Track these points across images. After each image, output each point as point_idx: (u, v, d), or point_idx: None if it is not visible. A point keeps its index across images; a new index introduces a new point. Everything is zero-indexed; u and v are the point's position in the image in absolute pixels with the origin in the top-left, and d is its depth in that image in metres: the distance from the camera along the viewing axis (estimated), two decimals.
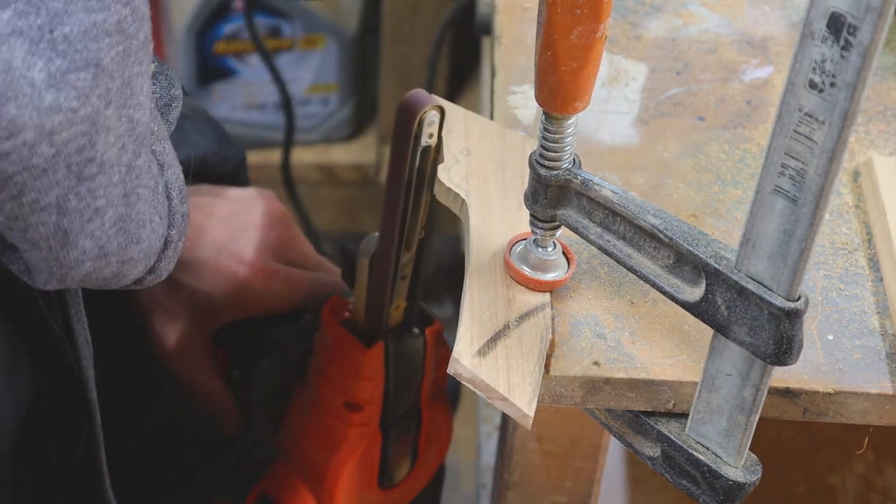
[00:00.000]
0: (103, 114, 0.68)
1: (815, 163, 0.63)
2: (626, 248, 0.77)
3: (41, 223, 0.69)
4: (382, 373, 0.97)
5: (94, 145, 0.68)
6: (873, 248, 0.88)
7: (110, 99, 0.68)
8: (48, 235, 0.69)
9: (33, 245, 0.70)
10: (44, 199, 0.68)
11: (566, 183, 0.78)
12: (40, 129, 0.65)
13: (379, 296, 0.94)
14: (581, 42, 0.70)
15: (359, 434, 0.99)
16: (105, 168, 0.70)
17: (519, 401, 0.75)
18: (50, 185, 0.67)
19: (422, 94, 0.84)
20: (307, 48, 1.95)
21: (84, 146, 0.67)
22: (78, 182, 0.68)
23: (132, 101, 0.70)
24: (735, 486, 0.77)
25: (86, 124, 0.67)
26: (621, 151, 0.94)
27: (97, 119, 0.67)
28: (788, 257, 0.67)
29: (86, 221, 0.70)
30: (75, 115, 0.66)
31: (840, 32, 0.59)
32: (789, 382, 0.79)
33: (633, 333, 0.81)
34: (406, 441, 1.02)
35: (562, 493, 0.97)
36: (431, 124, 0.84)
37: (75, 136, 0.67)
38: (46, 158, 0.66)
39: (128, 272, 0.76)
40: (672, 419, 0.80)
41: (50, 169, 0.67)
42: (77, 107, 0.66)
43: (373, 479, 1.01)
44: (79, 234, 0.70)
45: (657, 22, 1.06)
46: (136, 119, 0.71)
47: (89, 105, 0.67)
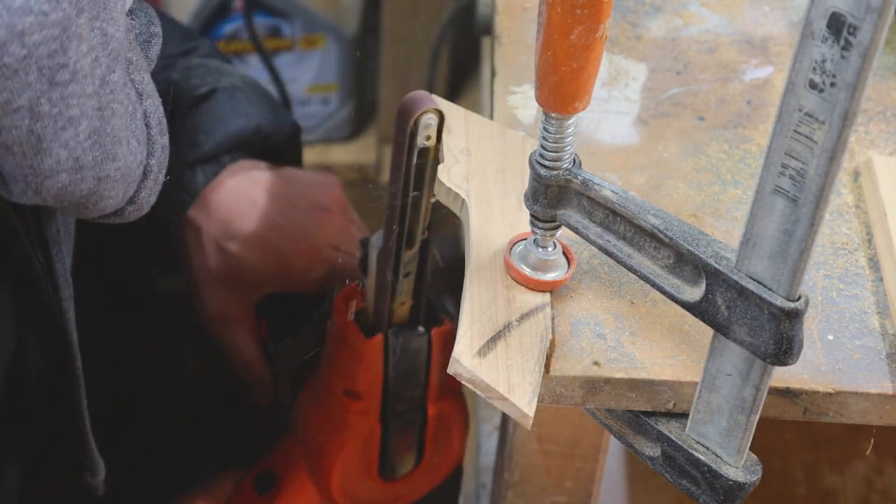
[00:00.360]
0: (75, 21, 0.69)
1: (815, 163, 0.63)
2: (626, 248, 0.77)
3: (14, 126, 0.69)
4: (381, 365, 0.98)
5: (65, 51, 0.69)
6: (873, 248, 0.88)
7: (82, 7, 0.69)
8: (21, 140, 0.70)
9: (7, 150, 0.71)
10: (16, 101, 0.68)
11: (566, 183, 0.78)
12: (10, 28, 0.66)
13: (382, 291, 0.95)
14: (581, 42, 0.70)
15: (358, 422, 1.00)
16: (78, 77, 0.70)
17: (519, 401, 0.75)
18: (21, 86, 0.68)
19: (421, 96, 0.85)
20: (307, 48, 1.95)
21: (55, 51, 0.68)
22: (50, 87, 0.69)
23: (105, 14, 0.71)
24: (735, 486, 0.77)
25: (56, 28, 0.68)
26: (621, 151, 0.94)
27: (68, 25, 0.68)
28: (788, 257, 0.67)
29: (59, 129, 0.71)
30: (46, 19, 0.67)
31: (840, 32, 0.59)
32: (789, 382, 0.79)
33: (633, 333, 0.81)
34: (409, 436, 1.03)
35: (562, 493, 0.97)
36: (428, 126, 0.86)
37: (46, 40, 0.68)
38: (17, 59, 0.67)
39: (105, 192, 0.77)
40: (672, 419, 0.80)
41: (21, 70, 0.68)
42: (48, 10, 0.67)
43: (372, 468, 1.02)
44: (52, 142, 0.71)
45: (657, 22, 1.06)
46: (109, 33, 0.72)
47: (60, 10, 0.68)
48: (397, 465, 1.04)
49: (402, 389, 1.00)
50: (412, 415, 1.02)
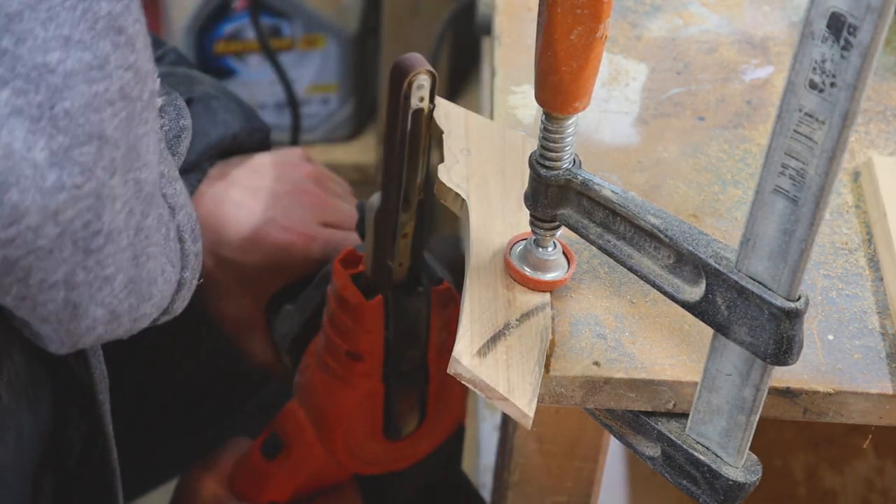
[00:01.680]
0: (108, 184, 0.66)
1: (815, 163, 0.63)
2: (626, 248, 0.77)
3: (50, 300, 0.67)
4: (382, 326, 0.98)
5: (100, 217, 0.66)
6: (873, 248, 0.88)
7: (115, 168, 0.66)
8: (57, 311, 0.68)
9: (43, 320, 0.69)
10: (51, 278, 0.66)
11: (566, 183, 0.78)
12: (44, 210, 0.63)
13: (381, 252, 0.96)
14: (581, 42, 0.70)
15: (361, 383, 1.01)
16: (112, 237, 0.68)
17: (519, 401, 0.75)
18: (56, 263, 0.65)
19: (414, 57, 0.86)
20: (307, 48, 1.95)
21: (90, 220, 0.65)
22: (85, 256, 0.67)
23: (138, 163, 0.68)
24: (735, 486, 0.77)
25: (91, 199, 0.65)
26: (621, 151, 0.94)
27: (102, 191, 0.65)
28: (788, 257, 0.67)
29: (95, 291, 0.69)
30: (79, 192, 0.64)
31: (840, 32, 0.59)
32: (789, 382, 0.79)
33: (633, 333, 0.81)
34: (412, 396, 1.04)
35: (562, 493, 0.97)
36: (421, 87, 0.86)
37: (80, 213, 0.65)
38: (51, 239, 0.64)
39: (140, 325, 0.75)
40: (672, 419, 0.80)
41: (56, 248, 0.65)
42: (81, 182, 0.64)
43: (377, 428, 1.03)
44: (89, 305, 0.69)
45: (657, 22, 1.06)
46: (142, 180, 0.69)
47: (94, 179, 0.64)
48: (402, 425, 1.05)
49: (404, 349, 1.00)
50: (415, 374, 1.03)
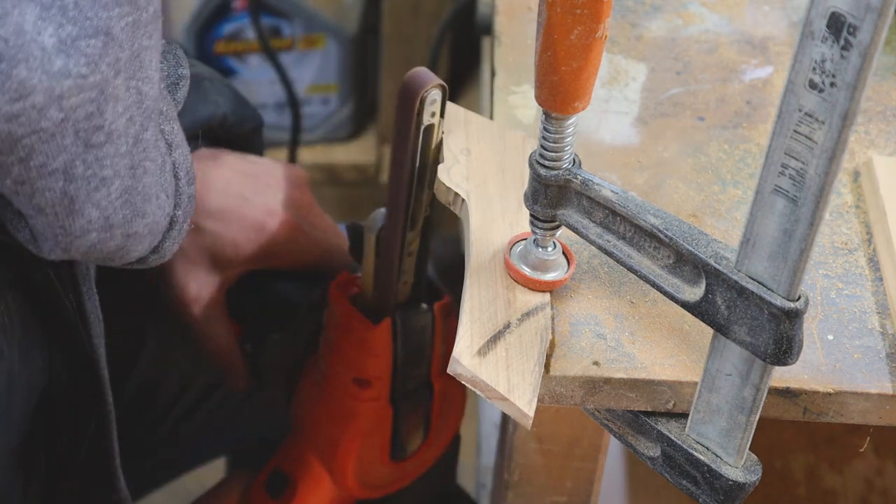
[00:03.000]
0: (112, 83, 0.68)
1: (815, 163, 0.63)
2: (626, 248, 0.77)
3: (48, 188, 0.69)
4: (390, 349, 0.98)
5: (102, 113, 0.69)
6: (873, 248, 0.88)
7: (119, 69, 0.69)
8: (54, 201, 0.70)
9: (39, 211, 0.70)
10: (51, 164, 0.68)
11: (566, 183, 0.78)
12: (49, 92, 0.66)
13: (386, 272, 0.95)
14: (581, 42, 0.70)
15: (369, 409, 1.00)
16: (113, 137, 0.70)
17: (519, 401, 0.75)
18: (58, 149, 0.68)
19: (424, 73, 0.85)
20: (307, 48, 1.95)
21: (93, 113, 0.68)
22: (86, 149, 0.69)
23: (141, 73, 0.71)
24: (735, 486, 0.77)
25: (95, 91, 0.67)
26: (621, 151, 0.94)
27: (106, 87, 0.68)
28: (788, 257, 0.67)
29: (92, 190, 0.71)
30: (84, 82, 0.67)
31: (840, 32, 0.59)
32: (789, 382, 0.79)
33: (633, 333, 0.81)
34: (418, 414, 1.03)
35: (562, 493, 0.97)
36: (433, 103, 0.86)
37: (84, 103, 0.67)
38: (55, 122, 0.67)
39: (132, 247, 0.76)
40: (672, 419, 0.80)
41: (58, 133, 0.67)
42: (86, 73, 0.67)
43: (385, 452, 1.03)
44: (85, 203, 0.71)
45: (657, 22, 1.06)
46: (144, 92, 0.72)
47: (98, 72, 0.67)
48: (407, 444, 1.04)
49: (411, 368, 1.00)
50: (420, 392, 1.02)
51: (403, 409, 1.02)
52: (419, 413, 1.03)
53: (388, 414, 1.01)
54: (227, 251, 1.03)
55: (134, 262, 0.80)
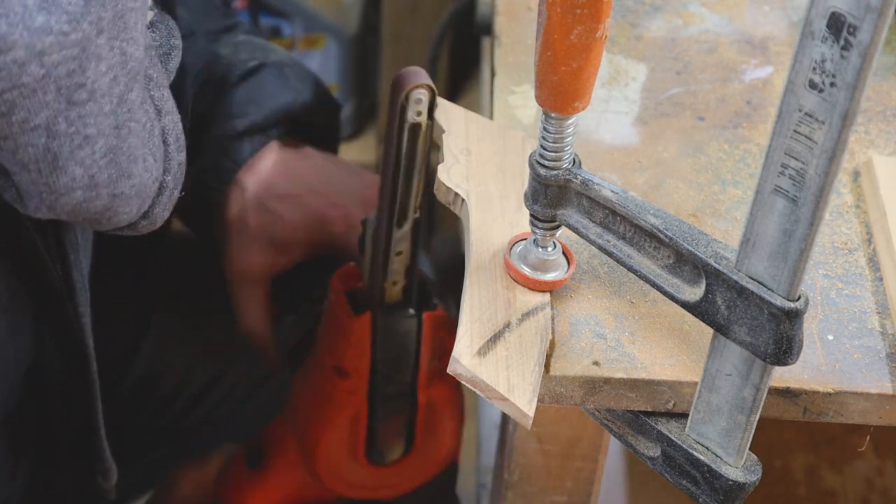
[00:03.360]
0: (94, 41, 0.69)
1: (815, 163, 0.63)
2: (626, 248, 0.77)
3: (30, 144, 0.70)
4: (369, 344, 0.98)
5: (84, 71, 0.69)
6: (873, 248, 0.88)
7: (102, 28, 0.69)
8: (37, 157, 0.70)
9: (23, 167, 0.71)
10: (33, 120, 0.69)
11: (566, 183, 0.78)
12: (30, 48, 0.66)
13: (375, 269, 0.95)
14: (581, 42, 0.70)
15: (345, 401, 1.00)
16: (96, 96, 0.71)
17: (519, 401, 0.75)
18: (39, 105, 0.68)
19: (413, 72, 0.86)
20: (307, 48, 1.95)
21: (74, 70, 0.68)
22: (68, 106, 0.69)
23: (125, 34, 0.71)
24: (735, 486, 0.77)
25: (76, 49, 0.68)
26: (621, 151, 0.94)
27: (88, 45, 0.69)
28: (788, 257, 0.67)
29: (76, 147, 0.71)
30: (66, 39, 0.67)
31: (840, 32, 0.59)
32: (789, 382, 0.79)
33: (633, 333, 0.81)
34: (398, 421, 1.03)
35: (562, 493, 0.97)
36: (419, 102, 0.86)
37: (65, 60, 0.68)
38: (36, 78, 0.67)
39: (119, 208, 0.77)
40: (672, 419, 0.80)
41: (39, 89, 0.68)
42: (68, 30, 0.67)
43: (359, 449, 1.03)
44: (68, 160, 0.71)
45: (657, 22, 1.06)
46: (128, 53, 0.72)
47: (80, 30, 0.68)
48: (385, 450, 1.04)
49: (391, 371, 1.00)
50: (401, 399, 1.02)
51: (381, 410, 1.02)
52: (399, 420, 1.03)
53: (363, 411, 1.01)
54: (284, 233, 1.05)
55: (124, 226, 0.81)
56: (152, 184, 0.79)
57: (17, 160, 0.71)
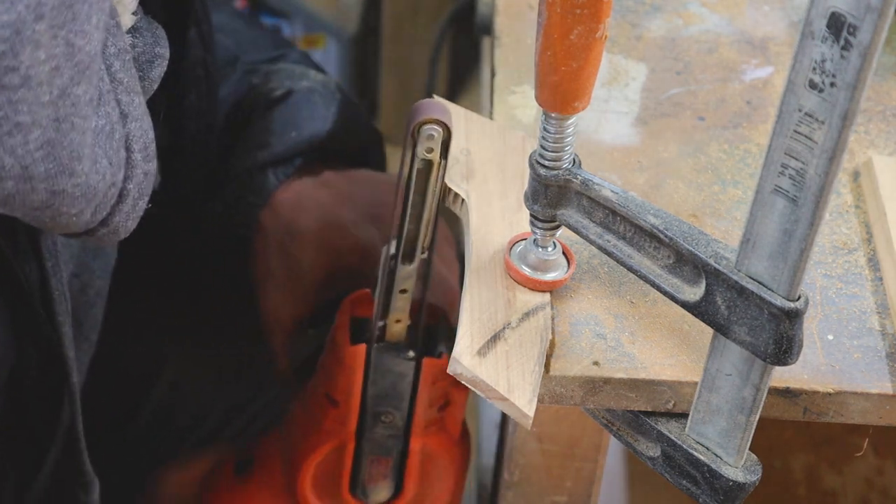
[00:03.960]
0: (31, 26, 0.66)
1: (815, 163, 0.63)
2: (626, 248, 0.77)
3: None
4: (360, 376, 0.95)
5: (16, 55, 0.66)
6: (873, 247, 0.88)
7: (42, 13, 0.67)
8: None
9: None
10: None
11: (566, 183, 0.78)
12: None
13: (377, 301, 0.94)
14: (581, 42, 0.70)
15: (332, 429, 0.98)
16: (31, 83, 0.68)
17: (518, 401, 0.75)
18: None
19: (430, 104, 0.82)
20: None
21: (5, 52, 0.66)
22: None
23: (73, 25, 0.69)
24: (735, 486, 0.77)
25: (7, 30, 0.66)
26: (621, 151, 0.94)
27: (22, 28, 0.66)
28: (788, 257, 0.67)
29: (5, 134, 0.68)
30: None
31: (840, 32, 0.59)
32: (789, 382, 0.79)
33: (633, 333, 0.81)
34: (385, 463, 1.00)
35: (562, 493, 0.97)
36: (430, 139, 0.82)
37: None
38: None
39: (63, 208, 0.74)
40: (672, 419, 0.80)
41: None
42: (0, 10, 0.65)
43: (343, 482, 1.00)
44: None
45: (657, 22, 1.06)
46: (77, 46, 0.69)
47: (13, 11, 0.65)
48: (370, 490, 1.01)
49: (381, 410, 0.97)
50: (390, 442, 0.99)
51: (367, 449, 0.99)
52: (386, 463, 1.00)
53: (349, 443, 0.98)
54: (305, 276, 1.03)
55: (81, 233, 0.78)
56: (107, 189, 0.76)
57: None
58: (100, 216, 0.77)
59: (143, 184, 0.79)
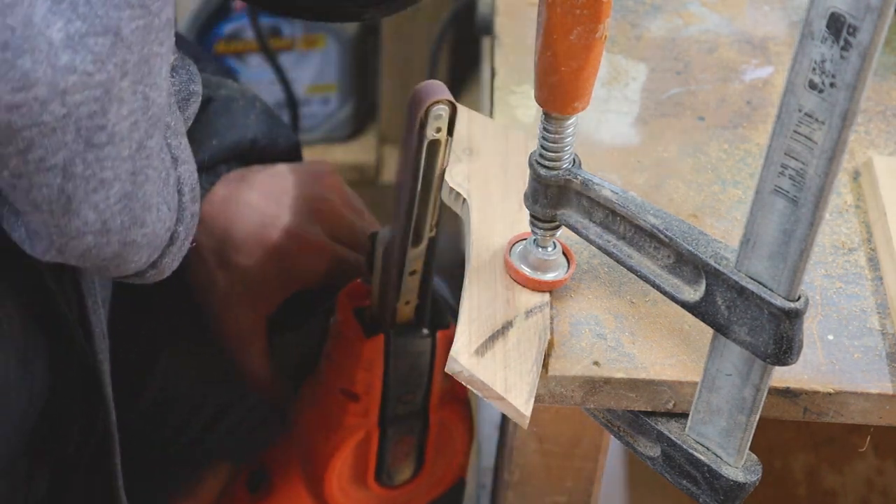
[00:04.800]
0: (118, 84, 0.68)
1: (815, 163, 0.63)
2: (626, 248, 0.77)
3: (45, 184, 0.69)
4: (381, 366, 0.96)
5: (105, 113, 0.68)
6: (873, 247, 0.88)
7: (126, 70, 0.68)
8: (51, 199, 0.69)
9: (35, 207, 0.70)
10: (50, 160, 0.68)
11: (566, 183, 0.78)
12: (53, 86, 0.65)
13: (387, 288, 0.94)
14: (581, 42, 0.70)
15: (354, 423, 0.98)
16: (115, 140, 0.70)
17: (515, 400, 0.75)
18: (58, 145, 0.67)
19: (434, 86, 0.83)
20: (307, 48, 1.95)
21: (96, 112, 0.68)
22: (86, 148, 0.68)
23: (149, 79, 0.70)
24: (735, 486, 0.77)
25: (99, 90, 0.67)
26: (621, 151, 0.94)
27: (111, 88, 0.68)
28: (788, 257, 0.67)
29: (90, 191, 0.70)
30: (90, 79, 0.66)
31: (840, 33, 0.59)
32: (789, 382, 0.79)
33: (633, 333, 0.81)
34: (408, 442, 1.01)
35: (562, 493, 0.97)
36: (439, 118, 0.84)
37: (87, 101, 0.67)
38: (57, 117, 0.66)
39: (129, 256, 0.76)
40: (672, 419, 0.80)
41: (59, 129, 0.67)
42: (92, 71, 0.66)
43: (368, 473, 1.00)
44: (82, 203, 0.70)
45: (657, 22, 1.06)
46: (151, 98, 0.71)
47: (105, 72, 0.67)
48: (395, 472, 1.02)
49: (403, 392, 0.98)
50: (412, 420, 1.00)
51: (392, 433, 0.99)
52: (410, 442, 1.01)
53: (374, 434, 0.99)
54: (254, 284, 1.02)
55: (131, 275, 0.79)
56: (164, 233, 0.77)
57: (30, 200, 0.69)
58: (152, 259, 0.78)
59: (190, 225, 0.80)
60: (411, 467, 1.03)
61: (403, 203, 0.88)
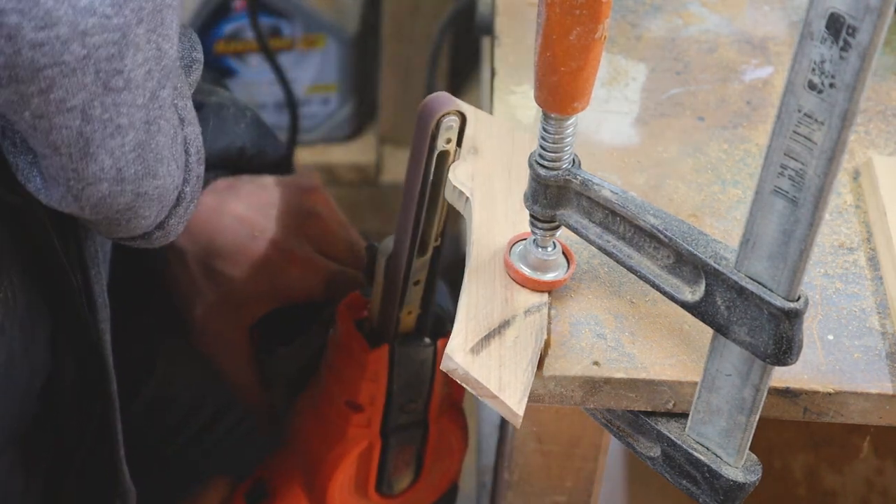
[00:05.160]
0: (134, 30, 0.70)
1: (814, 163, 0.63)
2: (626, 248, 0.77)
3: (65, 125, 0.70)
4: (386, 376, 0.96)
5: (122, 58, 0.70)
6: (873, 247, 0.88)
7: (142, 17, 0.70)
8: (70, 140, 0.71)
9: (54, 150, 0.71)
10: (70, 100, 0.69)
11: (566, 183, 0.78)
12: (74, 26, 0.67)
13: (390, 299, 0.93)
14: (580, 42, 0.70)
15: (358, 434, 0.98)
16: (131, 86, 0.71)
17: (509, 399, 0.75)
18: (78, 86, 0.69)
19: (443, 97, 0.83)
20: (307, 48, 1.95)
21: (114, 55, 0.69)
22: (104, 91, 0.70)
23: (161, 29, 0.72)
24: (735, 486, 0.77)
25: (117, 34, 0.69)
26: (621, 151, 0.94)
27: (128, 32, 0.69)
28: (788, 257, 0.67)
29: (108, 135, 0.71)
30: (108, 22, 0.68)
31: (839, 33, 0.60)
32: (789, 382, 0.79)
33: (633, 333, 0.81)
34: (409, 451, 1.01)
35: (562, 493, 0.97)
36: (449, 129, 0.84)
37: (106, 43, 0.69)
38: (77, 58, 0.68)
39: (141, 210, 0.77)
40: (672, 419, 0.80)
41: (79, 69, 0.68)
42: (111, 14, 0.68)
43: (369, 483, 1.00)
44: (99, 147, 0.72)
45: (657, 22, 1.06)
46: (163, 49, 0.73)
47: (122, 16, 0.69)
48: (395, 481, 1.02)
49: (405, 401, 0.98)
50: (413, 429, 1.00)
51: (394, 442, 0.99)
52: (410, 451, 1.01)
53: (376, 444, 0.99)
54: (239, 293, 1.02)
55: (138, 236, 0.80)
56: (173, 190, 0.79)
57: (50, 142, 0.71)
58: (160, 219, 0.80)
59: (195, 187, 0.82)
60: (410, 476, 1.03)
61: (410, 212, 0.88)
